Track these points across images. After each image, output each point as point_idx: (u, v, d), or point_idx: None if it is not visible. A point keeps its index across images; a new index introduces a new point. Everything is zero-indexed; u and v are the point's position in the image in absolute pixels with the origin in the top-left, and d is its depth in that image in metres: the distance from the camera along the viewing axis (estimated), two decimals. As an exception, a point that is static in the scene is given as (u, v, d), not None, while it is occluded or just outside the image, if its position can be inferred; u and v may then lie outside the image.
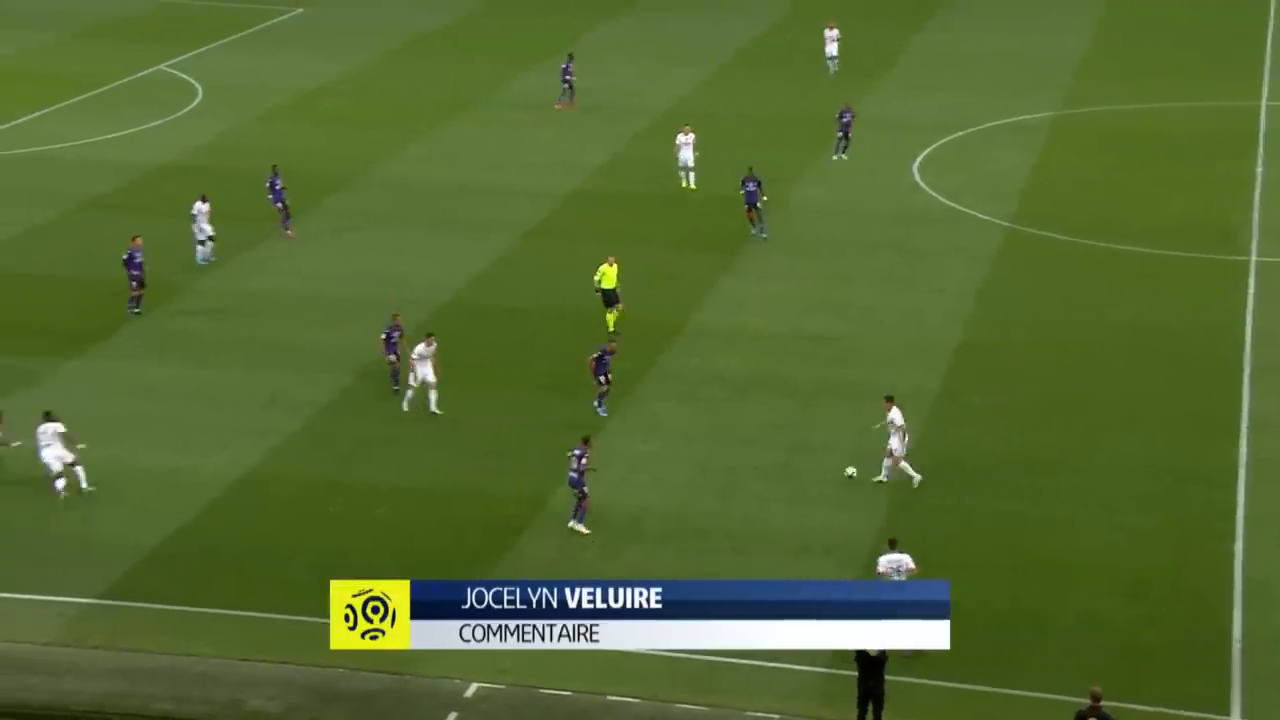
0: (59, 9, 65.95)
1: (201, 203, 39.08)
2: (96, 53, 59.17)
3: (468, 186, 45.64)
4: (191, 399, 32.44)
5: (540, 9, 68.19)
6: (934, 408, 32.42)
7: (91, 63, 57.44)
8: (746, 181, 41.00)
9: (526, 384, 33.30)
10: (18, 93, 53.30)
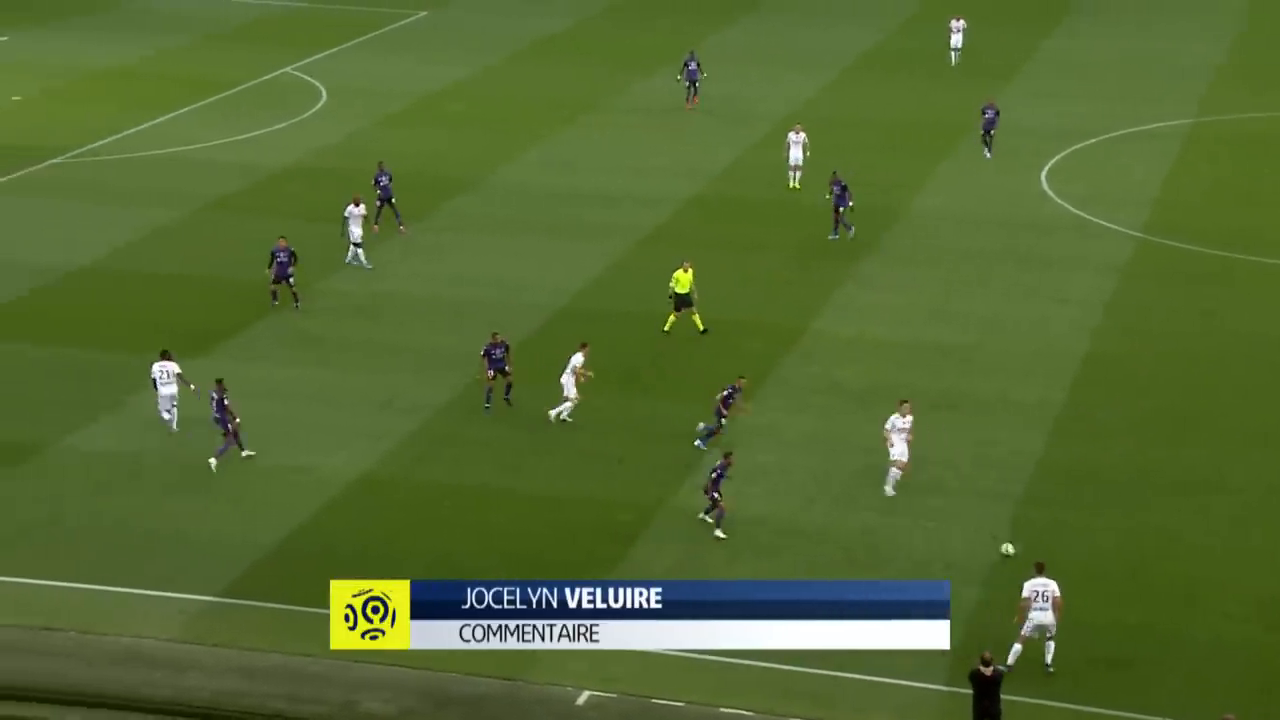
0: (191, 14, 67.32)
1: (354, 206, 39.28)
2: (226, 56, 60.23)
3: (586, 191, 45.70)
4: (312, 399, 32.79)
5: (659, 13, 68.22)
6: (1059, 420, 31.77)
7: (221, 66, 58.48)
8: (834, 184, 40.65)
9: (640, 390, 33.19)
10: (150, 95, 54.42)
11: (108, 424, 31.48)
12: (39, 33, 63.22)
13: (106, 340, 35.15)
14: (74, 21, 65.34)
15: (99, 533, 27.68)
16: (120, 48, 61.06)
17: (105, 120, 51.19)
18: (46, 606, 25.62)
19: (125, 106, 53.00)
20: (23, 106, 52.43)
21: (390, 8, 68.51)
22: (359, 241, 39.17)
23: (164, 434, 30.92)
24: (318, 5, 69.30)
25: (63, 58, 59.36)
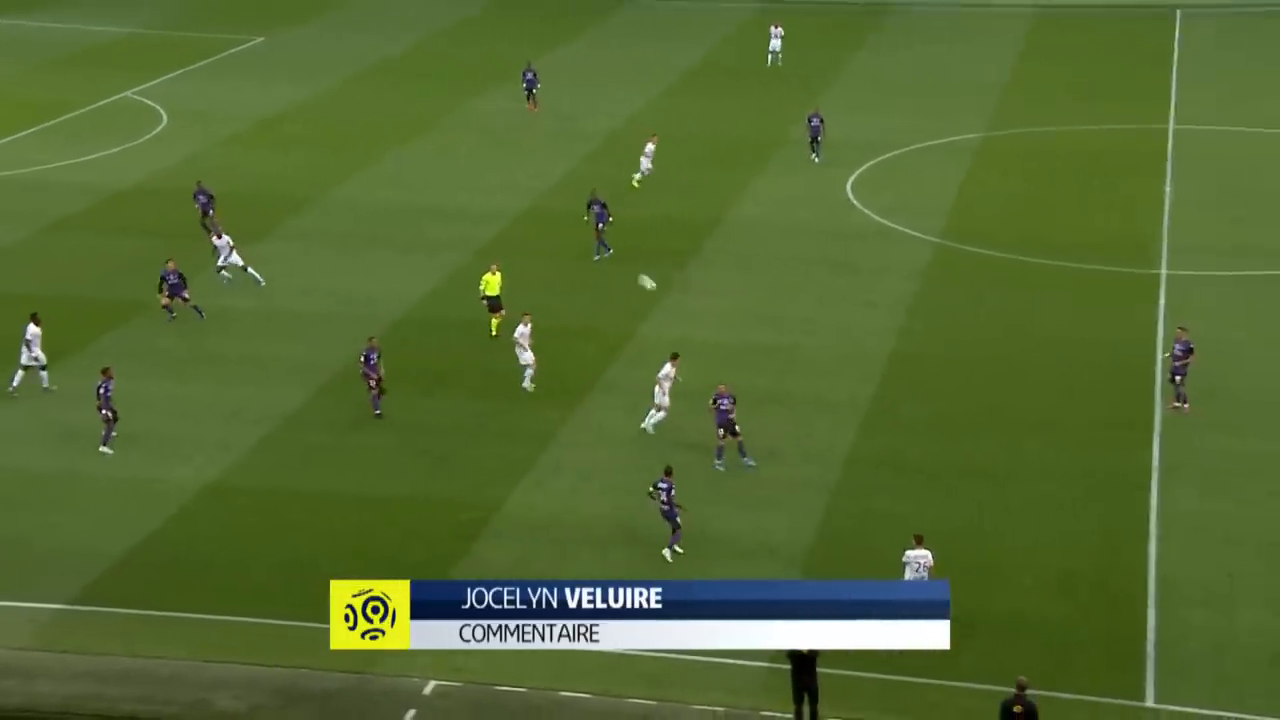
0: (27, 39, 65.36)
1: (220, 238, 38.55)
2: (65, 80, 58.69)
3: (424, 207, 45.53)
4: (160, 412, 32.20)
5: (495, 35, 68.21)
6: (868, 415, 32.62)
7: (60, 90, 56.96)
8: (593, 204, 41.14)
9: (475, 393, 33.26)
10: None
11: (-45, 441, 30.51)
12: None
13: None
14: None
15: (-52, 548, 26.82)
16: (-43, 73, 59.11)
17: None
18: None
19: (-36, 130, 51.34)
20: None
21: (228, 33, 67.37)
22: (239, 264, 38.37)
23: (12, 449, 30.06)
24: (157, 31, 67.82)
25: (-102, 83, 57.26)
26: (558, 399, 32.99)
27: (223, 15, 71.15)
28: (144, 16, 70.17)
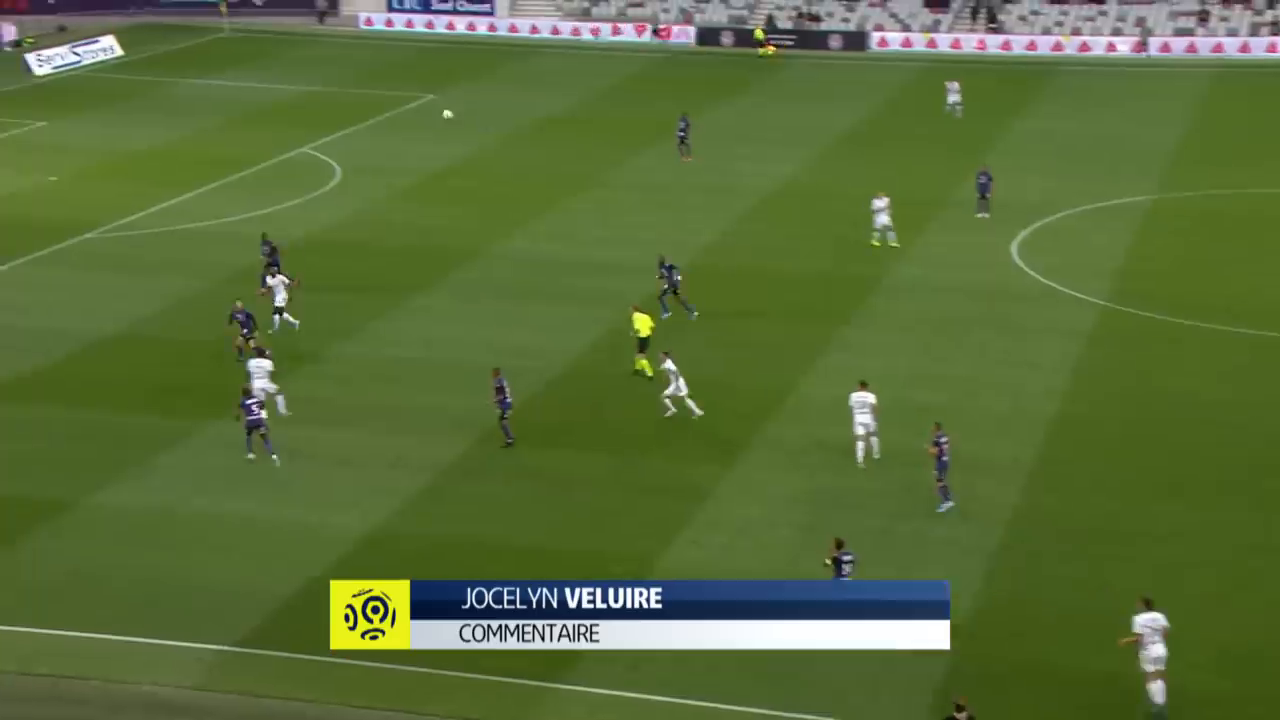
0: (216, 98, 67.84)
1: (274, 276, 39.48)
2: (248, 137, 60.64)
3: (582, 261, 45.87)
4: (324, 459, 32.74)
5: (655, 95, 68.76)
6: (1031, 477, 31.73)
7: (243, 146, 58.86)
8: (663, 268, 40.60)
9: (634, 447, 33.18)
10: (177, 174, 54.76)
11: (132, 482, 31.44)
12: (75, 118, 63.71)
13: (132, 404, 35.15)
14: (108, 108, 65.82)
15: (123, 584, 27.57)
16: (149, 131, 61.50)
17: (135, 198, 51.46)
18: (74, 656, 25.47)
19: (154, 185, 53.30)
20: (59, 186, 52.64)
21: (401, 91, 69.04)
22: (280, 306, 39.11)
23: (184, 493, 30.88)
24: (334, 89, 69.83)
25: (96, 141, 59.80)
26: (715, 454, 32.76)
27: (396, 74, 73.04)
28: (323, 75, 72.36)
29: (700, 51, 78.56)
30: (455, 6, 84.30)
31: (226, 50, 77.85)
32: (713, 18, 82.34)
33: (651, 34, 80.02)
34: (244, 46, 78.66)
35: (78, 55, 74.04)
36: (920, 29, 80.00)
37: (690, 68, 74.98)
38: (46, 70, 72.00)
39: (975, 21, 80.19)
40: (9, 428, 33.94)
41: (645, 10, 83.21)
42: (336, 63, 75.60)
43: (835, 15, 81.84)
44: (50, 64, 72.53)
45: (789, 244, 46.99)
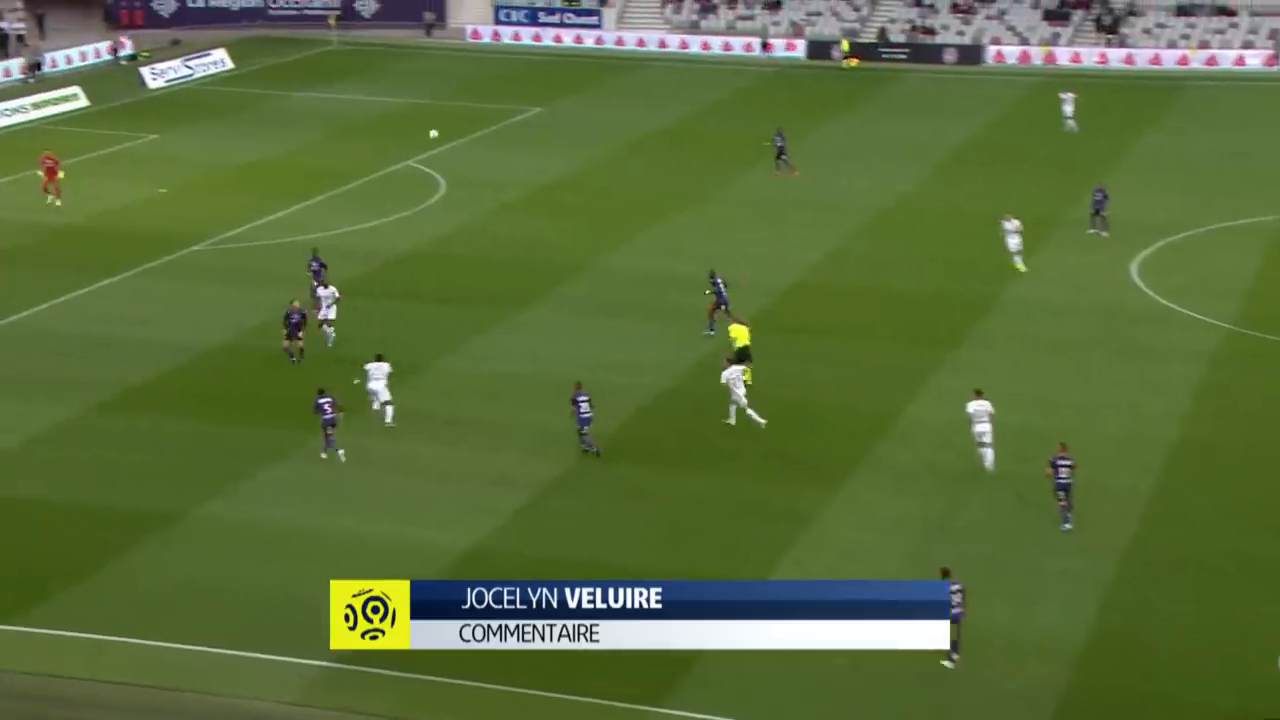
0: (323, 111, 69.00)
1: (325, 288, 40.01)
2: (354, 150, 61.57)
3: (689, 278, 45.87)
4: (426, 474, 33.10)
5: (762, 110, 68.69)
6: (1149, 506, 31.12)
7: (349, 159, 59.78)
8: (714, 280, 40.57)
9: (741, 467, 33.10)
10: (284, 187, 55.75)
11: (240, 494, 32.03)
12: (185, 130, 65.16)
13: (239, 416, 35.83)
14: (218, 121, 67.25)
15: (228, 597, 28.07)
16: (258, 143, 62.71)
17: (242, 210, 52.49)
18: (177, 668, 25.97)
19: (261, 197, 54.33)
20: (167, 198, 53.83)
21: (506, 104, 69.71)
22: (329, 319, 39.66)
23: (289, 506, 31.40)
24: (440, 102, 70.69)
25: (205, 153, 61.10)
26: (821, 476, 32.58)
27: (502, 87, 73.78)
28: (429, 88, 73.31)
29: (811, 65, 78.37)
30: (562, 19, 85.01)
31: (335, 63, 79.22)
32: (824, 31, 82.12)
33: (760, 48, 80.00)
34: (352, 59, 79.99)
35: (190, 68, 75.81)
36: (1038, 42, 79.07)
37: (800, 82, 74.83)
38: (159, 83, 73.81)
39: (1098, 35, 79.04)
40: (120, 438, 34.75)
41: (755, 24, 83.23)
42: (443, 75, 76.57)
43: (950, 28, 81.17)
44: (163, 77, 74.34)
45: (900, 262, 46.66)
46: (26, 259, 47.26)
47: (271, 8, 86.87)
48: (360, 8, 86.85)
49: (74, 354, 39.79)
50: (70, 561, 29.22)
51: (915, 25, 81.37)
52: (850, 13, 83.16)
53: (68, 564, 29.13)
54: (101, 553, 29.57)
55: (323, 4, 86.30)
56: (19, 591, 28.09)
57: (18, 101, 67.35)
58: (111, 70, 76.56)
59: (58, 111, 67.55)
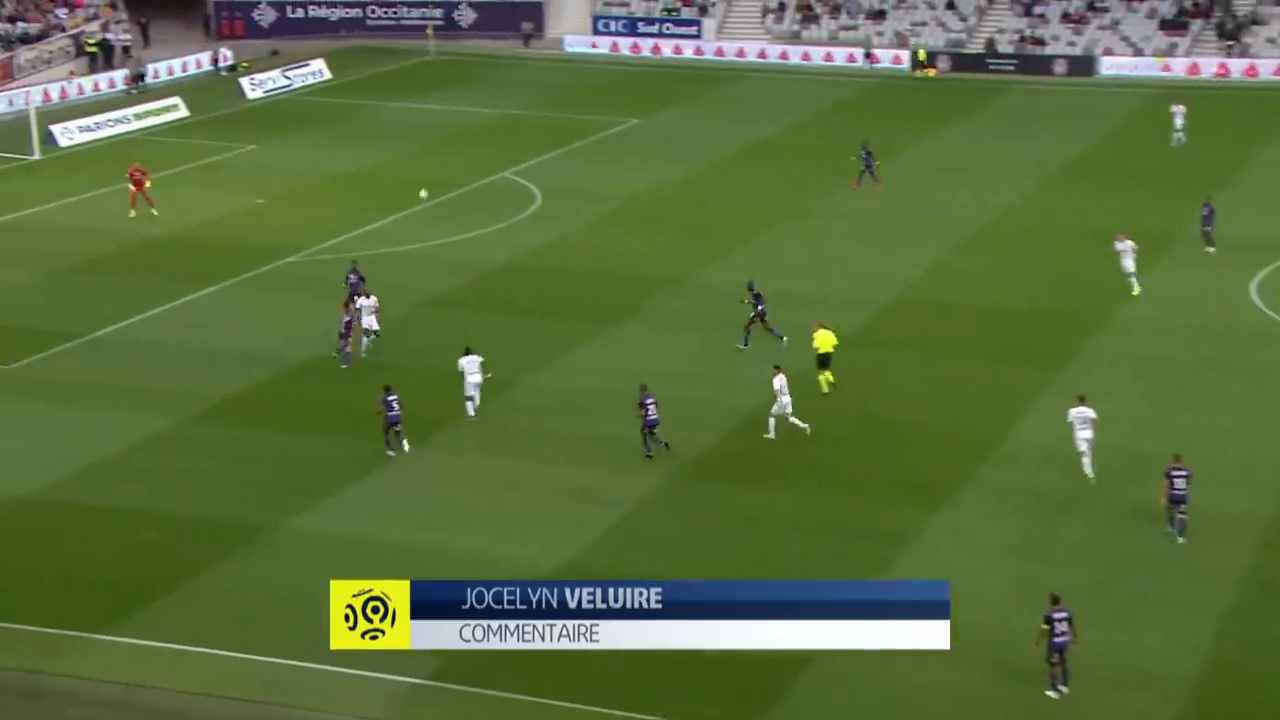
0: (420, 122, 69.72)
1: (367, 298, 40.58)
2: (449, 161, 62.08)
3: (787, 293, 45.58)
4: (514, 489, 33.17)
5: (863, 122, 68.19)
6: (1267, 533, 30.29)
7: (444, 170, 60.29)
8: (752, 293, 40.68)
9: (838, 487, 32.77)
10: (379, 197, 56.33)
11: (327, 507, 32.33)
12: (282, 141, 66.18)
13: (329, 428, 36.18)
14: (316, 131, 68.21)
15: (315, 610, 28.19)
16: (354, 154, 63.48)
17: (338, 221, 53.13)
18: (264, 682, 26.22)
19: (357, 208, 54.96)
20: (265, 209, 54.62)
21: (603, 115, 69.93)
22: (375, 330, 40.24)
23: (376, 519, 31.63)
24: (537, 113, 71.11)
25: (302, 164, 61.98)
26: (921, 497, 32.16)
27: (599, 98, 74.05)
28: (526, 99, 73.80)
29: (915, 76, 77.72)
30: (661, 29, 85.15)
31: (432, 73, 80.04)
32: (928, 41, 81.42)
33: (864, 58, 79.51)
34: (449, 69, 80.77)
35: (288, 79, 77.01)
36: (1153, 52, 77.69)
37: (904, 93, 74.24)
38: (258, 94, 75.06)
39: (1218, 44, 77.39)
40: (214, 449, 35.25)
41: (858, 34, 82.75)
42: (540, 86, 77.07)
43: (1061, 39, 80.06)
44: (262, 88, 75.58)
45: (1005, 278, 46.00)
46: (125, 268, 48.21)
47: (370, 18, 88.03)
48: (458, 18, 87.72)
49: (170, 364, 40.46)
50: (163, 571, 29.65)
51: (1024, 36, 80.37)
52: (956, 23, 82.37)
53: (160, 574, 29.56)
54: (192, 563, 29.97)
55: (421, 14, 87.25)
56: (114, 600, 28.54)
57: (120, 112, 68.80)
58: (212, 81, 78.01)
59: (158, 122, 68.92)
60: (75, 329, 42.29)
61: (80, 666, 26.72)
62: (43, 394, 38.42)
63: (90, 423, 36.55)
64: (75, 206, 55.45)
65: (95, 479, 33.70)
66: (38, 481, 33.39)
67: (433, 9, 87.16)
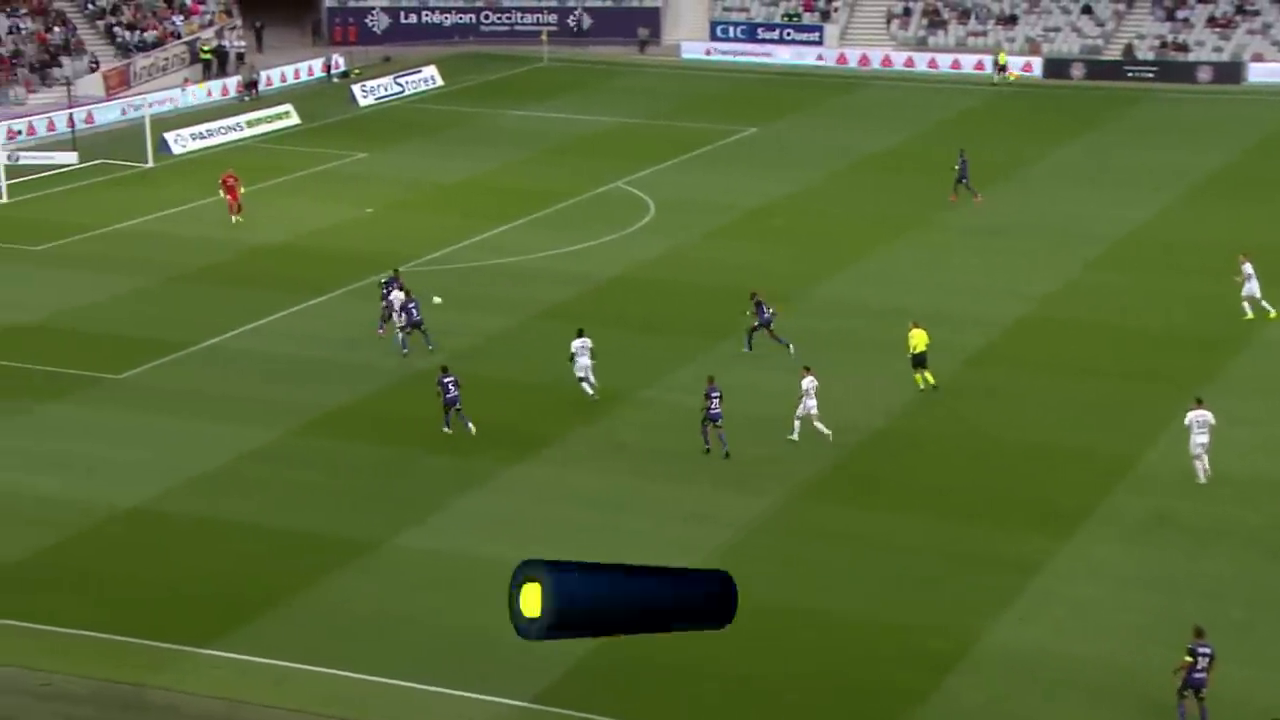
0: (533, 129, 70.20)
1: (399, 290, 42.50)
2: (562, 170, 62.41)
3: (907, 309, 45.10)
4: (623, 509, 33.16)
5: (994, 132, 67.37)
6: None
7: (557, 179, 60.66)
8: (755, 303, 40.94)
9: (962, 514, 32.32)
10: (490, 207, 56.78)
11: (432, 524, 32.58)
12: (393, 149, 67.03)
13: (436, 443, 36.47)
14: (427, 139, 69.01)
15: (417, 629, 28.52)
16: (465, 162, 64.09)
17: (448, 231, 53.65)
18: (366, 701, 26.47)
19: (468, 218, 55.47)
20: (374, 218, 55.33)
21: (720, 124, 69.87)
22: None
23: (483, 538, 31.79)
24: (651, 122, 71.28)
25: (413, 173, 62.71)
26: (1049, 525, 31.59)
27: (716, 106, 74.02)
28: (641, 107, 74.02)
29: (1047, 85, 76.67)
30: (782, 35, 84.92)
31: (545, 80, 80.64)
32: (1061, 47, 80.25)
33: (993, 67, 78.62)
34: (563, 76, 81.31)
35: (400, 85, 78.04)
36: (1307, 57, 75.84)
37: (1036, 101, 73.21)
38: (370, 101, 76.18)
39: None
40: (319, 462, 35.70)
41: (987, 39, 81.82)
42: (655, 94, 77.26)
43: (1206, 44, 78.38)
44: (373, 94, 76.69)
45: (1140, 297, 45.09)
46: (235, 277, 49.04)
47: (483, 24, 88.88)
48: (573, 24, 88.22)
49: (278, 375, 41.11)
50: (267, 586, 30.08)
51: (1166, 42, 78.82)
52: (1092, 28, 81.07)
53: (265, 588, 29.99)
54: (296, 578, 30.36)
55: (535, 20, 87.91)
56: (218, 614, 28.99)
57: (233, 119, 70.15)
58: (323, 87, 79.33)
59: (270, 129, 70.21)
60: (186, 338, 43.15)
61: (184, 681, 27.20)
62: (153, 403, 39.24)
63: (199, 433, 37.25)
64: (187, 214, 56.66)
65: (203, 490, 34.33)
66: (148, 492, 34.09)
67: (547, 15, 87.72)
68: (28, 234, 54.21)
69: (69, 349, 42.94)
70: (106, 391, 40.06)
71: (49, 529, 32.59)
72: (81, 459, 36.00)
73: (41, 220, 56.07)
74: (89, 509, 33.38)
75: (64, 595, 29.94)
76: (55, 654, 27.97)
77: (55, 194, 59.80)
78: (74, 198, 59.44)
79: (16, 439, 37.21)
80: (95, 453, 36.36)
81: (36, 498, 34.06)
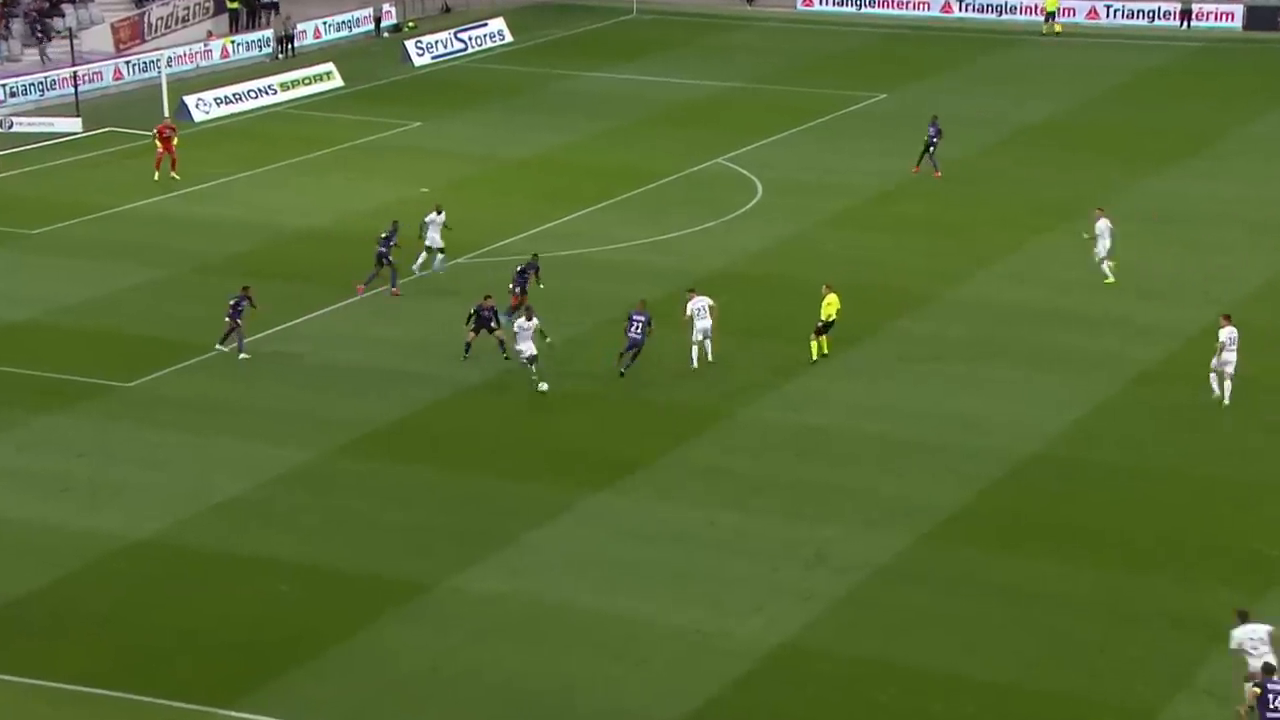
0: (619, 95, 70.35)
1: (436, 214, 47.06)
2: (653, 144, 62.61)
3: (1065, 314, 44.78)
4: (728, 549, 33.18)
5: (1174, 99, 66.67)
6: None
7: (646, 155, 60.86)
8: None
9: (1131, 562, 32.04)
10: (565, 188, 57.04)
11: (498, 563, 32.77)
12: (454, 117, 67.53)
13: (501, 465, 36.70)
14: (492, 106, 69.48)
15: (480, 687, 28.68)
16: (538, 134, 64.48)
17: (516, 215, 54.01)
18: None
19: (539, 200, 55.82)
20: (431, 199, 55.82)
21: (842, 89, 69.72)
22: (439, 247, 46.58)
23: (557, 579, 31.93)
24: (760, 86, 71.28)
25: (476, 145, 63.21)
26: (1245, 578, 31.24)
27: (837, 68, 73.89)
28: (747, 69, 74.02)
29: (1249, 38, 75.69)
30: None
31: (633, 36, 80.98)
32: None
33: (1179, 17, 77.81)
34: (654, 31, 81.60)
35: (462, 42, 78.74)
36: None
37: (1235, 59, 72.36)
38: (426, 60, 76.90)
39: None
40: (363, 488, 36.00)
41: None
42: (764, 53, 77.31)
43: None
44: (430, 53, 77.41)
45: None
46: (267, 267, 49.44)
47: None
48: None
49: (316, 383, 41.54)
50: (301, 634, 30.36)
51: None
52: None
53: (298, 637, 30.26)
54: (338, 625, 30.62)
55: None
56: (243, 667, 29.25)
57: (264, 81, 71.02)
58: (371, 44, 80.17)
59: (308, 93, 71.06)
60: (207, 340, 43.70)
61: (203, 746, 27.55)
62: (168, 417, 39.78)
63: (220, 453, 37.72)
64: (211, 193, 57.48)
65: (225, 520, 34.75)
66: (160, 522, 34.56)
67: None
68: (22, 215, 55.27)
69: (69, 351, 43.68)
70: (114, 402, 40.71)
71: (45, 564, 33.09)
72: (84, 482, 36.58)
73: (38, 199, 57.16)
74: (92, 541, 33.89)
75: (61, 643, 30.37)
76: (51, 712, 28.38)
77: (55, 168, 60.96)
78: (77, 172, 60.54)
79: (7, 457, 37.90)
80: (100, 474, 36.94)
81: (30, 527, 34.63)
